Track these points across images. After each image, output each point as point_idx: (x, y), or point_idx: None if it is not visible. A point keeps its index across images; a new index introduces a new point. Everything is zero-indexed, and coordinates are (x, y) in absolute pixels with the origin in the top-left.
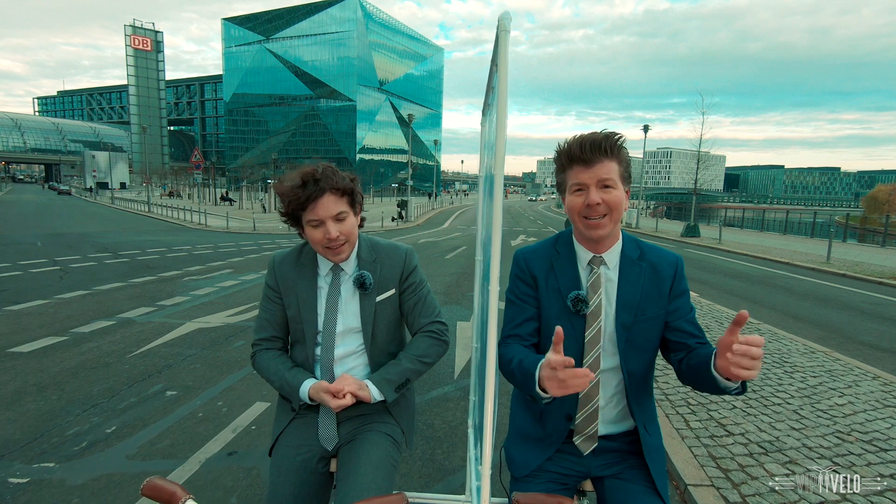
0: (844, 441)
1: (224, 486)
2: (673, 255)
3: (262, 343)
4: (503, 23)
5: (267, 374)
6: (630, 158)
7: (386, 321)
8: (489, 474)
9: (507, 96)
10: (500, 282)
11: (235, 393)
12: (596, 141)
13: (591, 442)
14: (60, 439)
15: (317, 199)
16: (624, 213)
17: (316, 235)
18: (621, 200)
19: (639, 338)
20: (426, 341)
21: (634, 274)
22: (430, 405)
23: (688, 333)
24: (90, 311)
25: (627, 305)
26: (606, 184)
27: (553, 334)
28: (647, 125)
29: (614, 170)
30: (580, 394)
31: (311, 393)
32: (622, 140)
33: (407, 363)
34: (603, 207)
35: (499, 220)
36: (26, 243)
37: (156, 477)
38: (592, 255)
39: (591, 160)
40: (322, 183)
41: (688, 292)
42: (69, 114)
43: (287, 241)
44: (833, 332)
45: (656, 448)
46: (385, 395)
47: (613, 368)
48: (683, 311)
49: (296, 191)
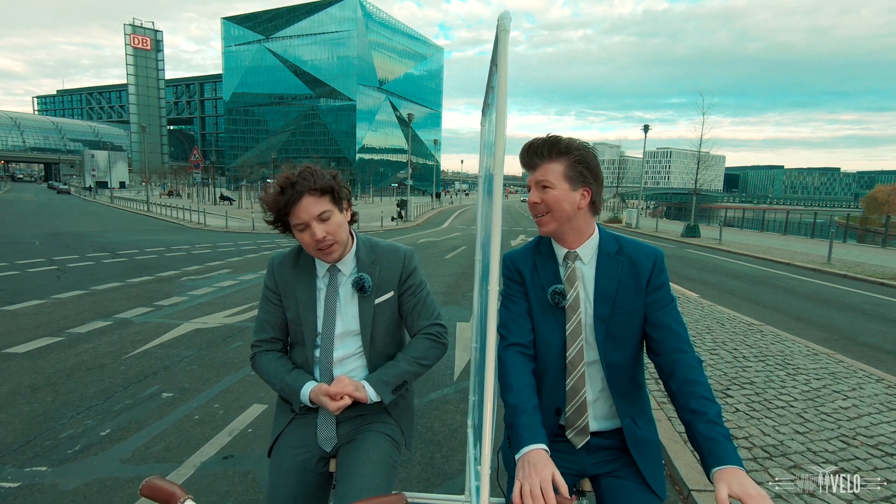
0: (850, 445)
1: (219, 491)
2: (652, 249)
3: (261, 344)
4: (503, 22)
5: (267, 376)
6: (587, 157)
7: (385, 323)
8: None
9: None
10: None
11: (232, 395)
12: (533, 146)
13: (583, 435)
14: (53, 442)
15: (296, 203)
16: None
17: (304, 238)
18: (560, 199)
19: (618, 330)
20: (425, 343)
21: (612, 268)
22: (430, 407)
23: (669, 330)
24: (87, 311)
25: (604, 298)
26: (544, 184)
27: (539, 329)
28: (647, 125)
29: (554, 170)
30: (567, 386)
31: (312, 396)
32: (566, 142)
33: (405, 365)
34: (542, 206)
35: (498, 220)
36: (24, 242)
37: (155, 477)
38: (566, 251)
39: (532, 164)
40: (298, 186)
41: (667, 285)
42: (69, 113)
43: (286, 241)
44: (835, 333)
45: (648, 441)
46: (382, 396)
47: (596, 361)
48: (663, 303)
49: (276, 198)
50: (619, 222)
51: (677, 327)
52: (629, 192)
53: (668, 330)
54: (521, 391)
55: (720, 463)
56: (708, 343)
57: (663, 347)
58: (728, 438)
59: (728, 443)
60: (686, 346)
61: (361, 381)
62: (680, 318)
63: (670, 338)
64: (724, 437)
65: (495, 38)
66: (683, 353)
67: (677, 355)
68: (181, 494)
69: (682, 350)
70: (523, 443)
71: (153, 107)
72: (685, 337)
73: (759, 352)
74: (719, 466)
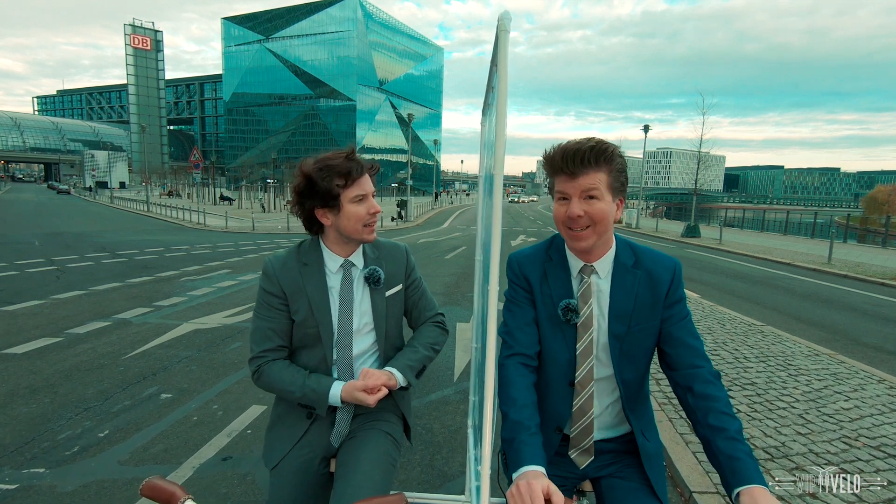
0: (852, 446)
1: (218, 493)
2: (671, 260)
3: (266, 354)
4: (503, 23)
5: (281, 385)
6: (624, 165)
7: (395, 316)
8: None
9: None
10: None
11: (231, 396)
12: (579, 153)
13: (586, 456)
14: (51, 444)
15: (361, 174)
16: (614, 222)
17: (359, 211)
18: (606, 212)
19: (633, 347)
20: (435, 329)
21: (628, 282)
22: (430, 409)
23: (685, 345)
24: (86, 311)
25: (620, 316)
26: (591, 194)
27: (546, 342)
28: (647, 125)
29: (601, 180)
30: (573, 408)
31: (344, 395)
32: (612, 150)
33: (424, 350)
34: (585, 220)
35: (498, 221)
36: (24, 243)
37: (155, 477)
38: (583, 264)
39: (574, 171)
40: (358, 161)
41: (684, 298)
42: (69, 113)
43: (286, 241)
44: (836, 333)
45: (655, 454)
46: (409, 380)
47: (607, 378)
48: (679, 317)
49: (346, 163)
50: (619, 223)
51: (693, 341)
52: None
53: (684, 345)
54: (523, 407)
55: (744, 482)
56: (709, 343)
57: (679, 362)
58: (751, 456)
59: (751, 461)
60: (702, 361)
61: (387, 369)
62: (695, 331)
63: (686, 352)
64: (746, 454)
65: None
66: (700, 368)
67: (693, 370)
68: (181, 494)
69: (699, 365)
70: (523, 462)
71: (153, 107)
72: (701, 351)
73: (760, 352)
74: (743, 486)
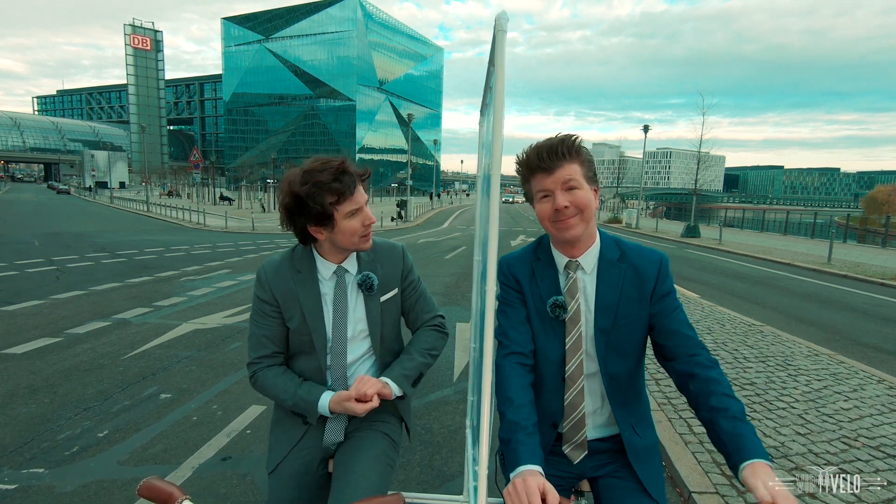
0: (851, 447)
1: (217, 493)
2: (657, 254)
3: (261, 361)
4: (500, 23)
5: (274, 392)
6: (591, 158)
7: (392, 321)
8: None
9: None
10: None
11: (231, 396)
12: (552, 146)
13: (580, 451)
14: (51, 444)
15: (355, 188)
16: (596, 212)
17: (355, 225)
18: (589, 199)
19: (620, 341)
20: (432, 334)
21: (613, 276)
22: (429, 409)
23: (680, 335)
24: (86, 311)
25: (605, 309)
26: (571, 185)
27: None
28: (647, 125)
29: (577, 171)
30: (566, 402)
31: (332, 406)
32: (579, 141)
33: (420, 357)
34: (572, 209)
35: (495, 220)
36: (24, 243)
37: (153, 477)
38: (568, 259)
39: (551, 166)
40: (351, 174)
41: (673, 290)
42: (68, 113)
43: (286, 241)
44: (836, 333)
45: (648, 448)
46: (404, 390)
47: (596, 373)
48: (670, 309)
49: (337, 184)
50: (619, 223)
51: (687, 331)
52: (629, 193)
53: (679, 335)
54: (521, 407)
55: (746, 458)
56: (708, 344)
57: (676, 352)
58: (754, 433)
59: (755, 438)
60: (699, 349)
61: (383, 379)
62: (688, 321)
63: (682, 342)
64: (750, 431)
65: (493, 39)
66: (698, 356)
67: (692, 358)
68: (179, 495)
69: (697, 353)
70: (520, 461)
71: (153, 107)
72: (697, 339)
73: (760, 352)
74: (745, 462)
